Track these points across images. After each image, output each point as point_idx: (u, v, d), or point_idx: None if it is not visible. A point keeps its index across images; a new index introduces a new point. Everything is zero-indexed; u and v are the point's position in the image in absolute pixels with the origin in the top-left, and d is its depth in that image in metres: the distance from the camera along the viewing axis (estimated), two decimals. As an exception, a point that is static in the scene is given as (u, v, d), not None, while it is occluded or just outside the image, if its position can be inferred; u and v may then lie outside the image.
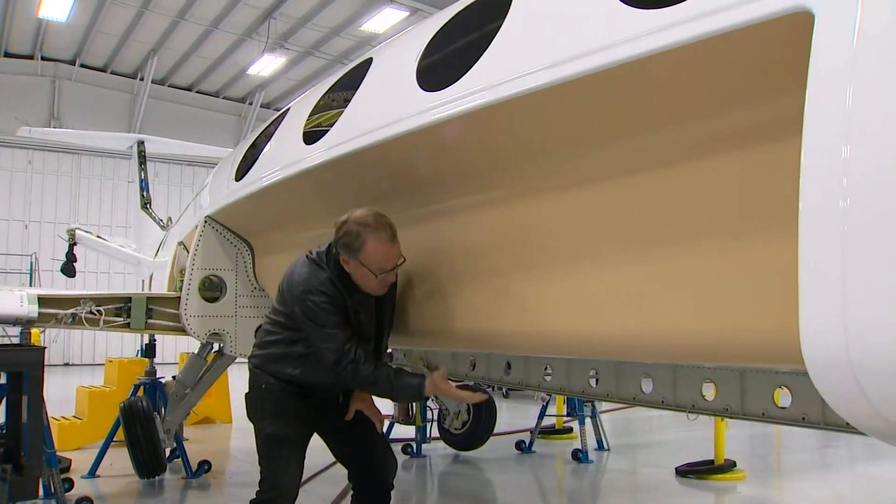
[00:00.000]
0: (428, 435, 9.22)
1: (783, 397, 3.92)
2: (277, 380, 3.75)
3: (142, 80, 24.34)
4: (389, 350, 8.04)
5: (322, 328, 3.54)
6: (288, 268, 3.81)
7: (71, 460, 7.66)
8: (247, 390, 3.89)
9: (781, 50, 2.06)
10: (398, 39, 4.70)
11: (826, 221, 1.76)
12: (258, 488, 3.65)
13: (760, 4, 2.00)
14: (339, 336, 3.52)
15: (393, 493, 3.92)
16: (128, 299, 6.26)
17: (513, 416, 12.46)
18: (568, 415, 10.17)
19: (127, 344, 22.23)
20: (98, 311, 5.97)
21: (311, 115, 4.79)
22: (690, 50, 2.20)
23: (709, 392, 4.24)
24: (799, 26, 1.89)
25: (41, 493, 5.72)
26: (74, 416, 9.67)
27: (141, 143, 14.79)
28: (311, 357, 3.67)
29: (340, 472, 4.31)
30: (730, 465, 7.92)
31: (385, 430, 9.52)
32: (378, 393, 3.71)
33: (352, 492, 4.01)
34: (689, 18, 2.18)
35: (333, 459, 4.19)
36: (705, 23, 2.13)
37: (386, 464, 3.92)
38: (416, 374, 3.65)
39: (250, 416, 3.85)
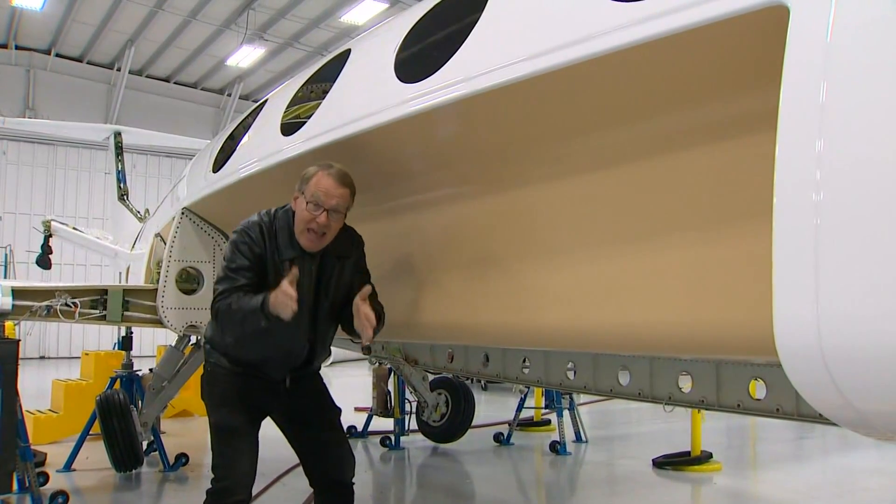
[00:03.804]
0: (406, 427, 9.23)
1: (758, 389, 3.97)
2: (223, 356, 3.66)
3: (119, 70, 24.09)
4: (368, 343, 8.05)
5: (227, 266, 3.48)
6: None
7: (46, 454, 7.59)
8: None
9: (758, 44, 2.07)
10: (377, 30, 4.68)
11: (800, 215, 1.78)
12: (212, 476, 3.58)
13: (737, -2, 2.01)
14: (234, 281, 3.42)
15: (372, 485, 3.87)
16: (104, 291, 6.20)
17: (491, 408, 12.50)
18: (546, 407, 10.20)
19: (104, 337, 22.08)
20: (74, 303, 5.91)
21: (289, 107, 4.77)
22: (668, 43, 2.21)
23: (685, 384, 4.28)
24: (775, 20, 1.90)
25: (16, 487, 5.68)
26: (50, 410, 9.58)
27: (118, 134, 14.67)
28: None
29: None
30: (706, 457, 7.99)
31: (363, 422, 9.55)
32: (243, 325, 3.41)
33: (313, 492, 3.87)
34: (667, 11, 2.19)
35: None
36: (683, 16, 2.14)
37: (343, 463, 3.78)
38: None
39: (201, 396, 3.78)
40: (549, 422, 10.29)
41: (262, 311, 3.27)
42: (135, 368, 8.15)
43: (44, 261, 14.20)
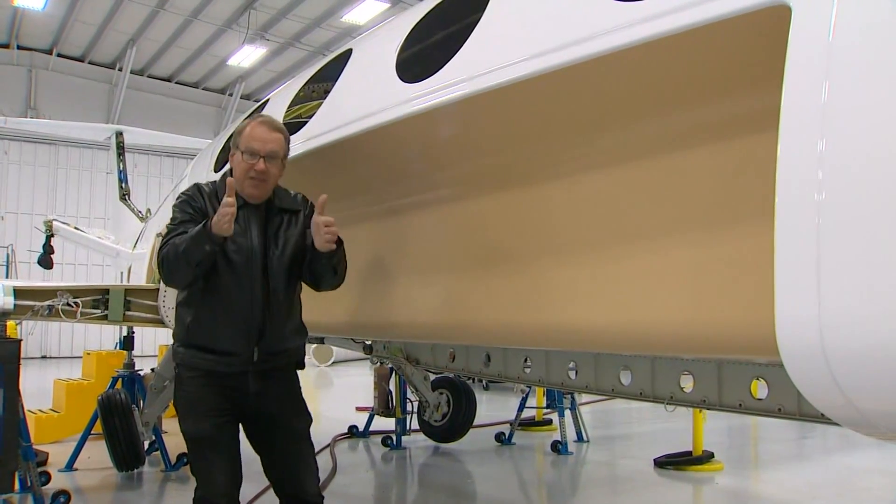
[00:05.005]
0: (408, 427, 9.23)
1: (760, 389, 3.97)
2: (187, 348, 3.54)
3: (120, 70, 24.07)
4: (369, 342, 8.05)
5: (169, 224, 3.53)
6: None
7: (48, 454, 7.59)
8: None
9: (759, 44, 2.07)
10: (378, 30, 4.68)
11: (801, 214, 1.78)
12: (196, 483, 3.54)
13: (739, -3, 2.01)
14: (177, 231, 3.45)
15: (373, 485, 3.80)
16: (105, 291, 6.20)
17: (492, 408, 12.50)
18: (547, 407, 10.20)
19: (105, 336, 22.09)
20: (75, 302, 5.91)
21: (290, 106, 4.77)
22: (669, 42, 2.21)
23: (687, 384, 4.28)
24: (776, 20, 1.90)
25: (17, 487, 5.68)
26: (52, 409, 9.59)
27: (119, 134, 14.68)
28: (208, 296, 3.49)
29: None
30: (708, 457, 7.98)
31: (365, 422, 9.56)
32: (188, 256, 3.35)
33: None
34: (668, 11, 2.19)
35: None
36: (684, 15, 2.14)
37: (302, 479, 3.62)
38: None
39: (173, 404, 3.74)
40: (550, 421, 10.29)
41: (206, 233, 3.28)
42: (136, 368, 8.15)
43: (45, 260, 14.20)
